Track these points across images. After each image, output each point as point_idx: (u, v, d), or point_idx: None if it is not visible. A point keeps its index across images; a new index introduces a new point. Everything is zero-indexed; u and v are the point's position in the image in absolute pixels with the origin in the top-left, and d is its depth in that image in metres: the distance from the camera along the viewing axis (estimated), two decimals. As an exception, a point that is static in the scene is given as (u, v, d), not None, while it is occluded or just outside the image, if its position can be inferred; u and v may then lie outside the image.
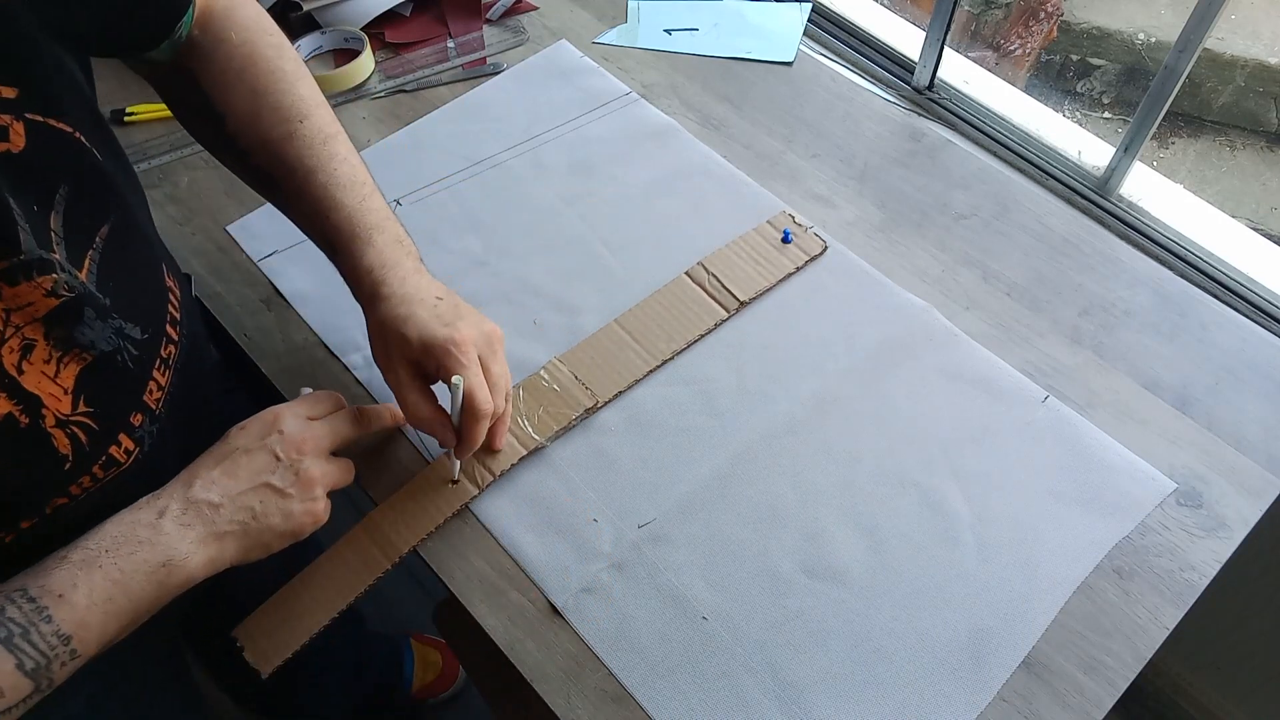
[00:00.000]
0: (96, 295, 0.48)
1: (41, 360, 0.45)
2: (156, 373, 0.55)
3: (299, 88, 0.62)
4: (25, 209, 0.43)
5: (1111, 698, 0.59)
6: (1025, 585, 0.63)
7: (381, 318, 0.59)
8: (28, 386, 0.45)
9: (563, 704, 0.60)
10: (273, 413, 0.59)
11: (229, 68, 0.61)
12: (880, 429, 0.71)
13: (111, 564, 0.48)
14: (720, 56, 0.99)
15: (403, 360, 0.59)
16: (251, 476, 0.55)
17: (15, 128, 0.43)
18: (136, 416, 0.53)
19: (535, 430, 0.69)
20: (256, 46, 0.62)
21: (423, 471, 0.68)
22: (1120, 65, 2.01)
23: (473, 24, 1.02)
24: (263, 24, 0.63)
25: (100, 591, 0.48)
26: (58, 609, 0.46)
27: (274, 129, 0.61)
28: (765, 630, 0.62)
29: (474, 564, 0.66)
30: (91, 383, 0.48)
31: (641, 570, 0.65)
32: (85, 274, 0.48)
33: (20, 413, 0.44)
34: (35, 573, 0.47)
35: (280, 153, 0.61)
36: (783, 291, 0.79)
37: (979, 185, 0.87)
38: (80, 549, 0.49)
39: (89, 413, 0.49)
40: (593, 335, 0.74)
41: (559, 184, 0.87)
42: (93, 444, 0.49)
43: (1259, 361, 0.74)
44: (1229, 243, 0.84)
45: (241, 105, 0.61)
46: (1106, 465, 0.69)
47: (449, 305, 0.60)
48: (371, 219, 0.61)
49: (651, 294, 0.77)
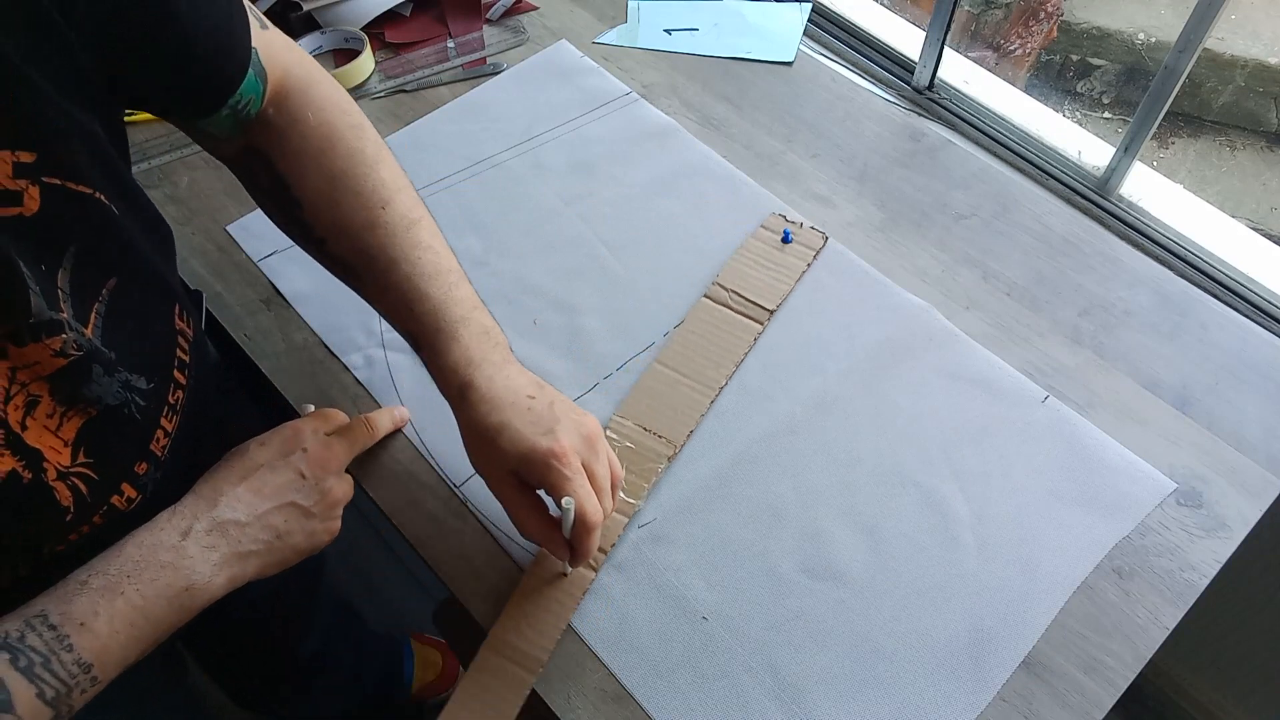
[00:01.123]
0: (103, 350, 0.47)
1: (44, 415, 0.45)
2: (165, 420, 0.53)
3: (380, 171, 0.59)
4: (34, 270, 0.42)
5: (1111, 698, 0.59)
6: (1025, 585, 0.63)
7: (474, 425, 0.55)
8: (30, 442, 0.44)
9: (563, 704, 0.60)
10: (292, 429, 0.58)
11: (305, 149, 0.57)
12: (880, 429, 0.71)
13: (134, 590, 0.48)
14: (720, 56, 0.99)
15: (503, 472, 0.55)
16: (277, 494, 0.55)
17: (30, 192, 0.42)
18: (141, 465, 0.52)
19: (629, 495, 0.66)
20: (335, 127, 0.58)
21: (527, 573, 0.63)
22: (1120, 65, 2.01)
23: (473, 24, 1.02)
24: (341, 103, 0.60)
25: (122, 618, 0.47)
26: (79, 637, 0.46)
27: (354, 216, 0.57)
28: (765, 630, 0.62)
29: (474, 564, 0.66)
30: (93, 435, 0.47)
31: (642, 570, 0.65)
32: (91, 329, 0.47)
33: (23, 468, 0.44)
34: (55, 597, 0.47)
35: (361, 241, 0.57)
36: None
37: (979, 185, 0.87)
38: (101, 574, 0.48)
39: (88, 463, 0.48)
40: (640, 381, 0.72)
41: (559, 184, 0.87)
42: (94, 494, 0.48)
43: (1259, 361, 0.74)
44: (1229, 243, 0.84)
45: (319, 190, 0.58)
46: (1106, 465, 0.69)
47: (543, 405, 0.56)
48: (457, 310, 0.57)
49: (680, 326, 0.75)
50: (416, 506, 0.68)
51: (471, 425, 0.56)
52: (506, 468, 0.55)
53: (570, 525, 0.54)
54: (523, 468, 0.54)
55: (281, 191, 0.58)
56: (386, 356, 0.76)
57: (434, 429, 0.72)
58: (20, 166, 0.41)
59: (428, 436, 0.71)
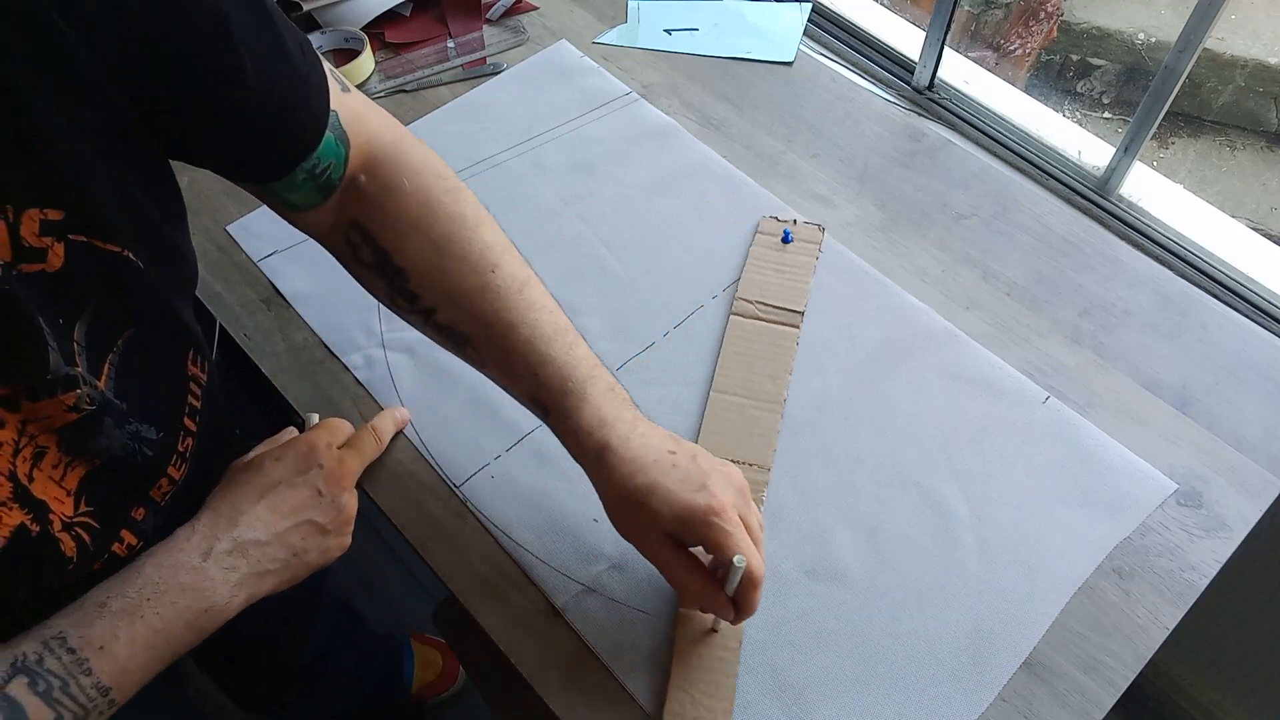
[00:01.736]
0: (115, 403, 0.46)
1: (50, 466, 0.44)
2: (172, 469, 0.52)
3: (484, 234, 0.57)
4: (53, 326, 0.42)
5: (1111, 698, 0.59)
6: (1026, 586, 0.63)
7: (619, 489, 0.53)
8: (36, 493, 0.43)
9: (563, 704, 0.60)
10: (307, 444, 0.57)
11: (405, 217, 0.55)
12: (880, 429, 0.71)
13: (154, 613, 0.48)
14: (720, 56, 0.99)
15: (658, 534, 0.53)
16: (295, 513, 0.54)
17: (55, 249, 0.41)
18: (139, 511, 0.51)
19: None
20: (432, 192, 0.56)
21: (679, 638, 0.61)
22: (1120, 65, 2.01)
23: (473, 24, 1.02)
24: (435, 167, 0.57)
25: (141, 642, 0.47)
26: (98, 661, 0.46)
27: (464, 281, 0.55)
28: (765, 630, 0.62)
29: (474, 564, 0.66)
30: (94, 484, 0.47)
31: (642, 570, 0.65)
32: (104, 380, 0.46)
33: (31, 520, 0.43)
34: (74, 619, 0.46)
35: (474, 307, 0.55)
36: (783, 291, 0.79)
37: (979, 185, 0.87)
38: (120, 596, 0.47)
39: (89, 512, 0.47)
40: (708, 414, 0.70)
41: (559, 184, 0.87)
42: (95, 543, 0.48)
43: (1259, 361, 0.74)
44: (1229, 243, 0.84)
45: (423, 258, 0.55)
46: (1107, 466, 0.69)
47: (686, 459, 0.54)
48: (582, 370, 0.55)
49: (721, 352, 0.74)
50: (416, 506, 0.68)
51: (615, 489, 0.53)
52: (661, 529, 0.53)
53: (738, 582, 0.52)
54: (681, 528, 0.52)
55: (385, 263, 0.56)
56: (386, 356, 0.76)
57: (434, 429, 0.72)
58: (47, 224, 0.40)
59: (428, 436, 0.71)
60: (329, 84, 0.52)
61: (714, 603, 0.53)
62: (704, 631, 0.61)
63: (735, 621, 0.55)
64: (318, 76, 0.51)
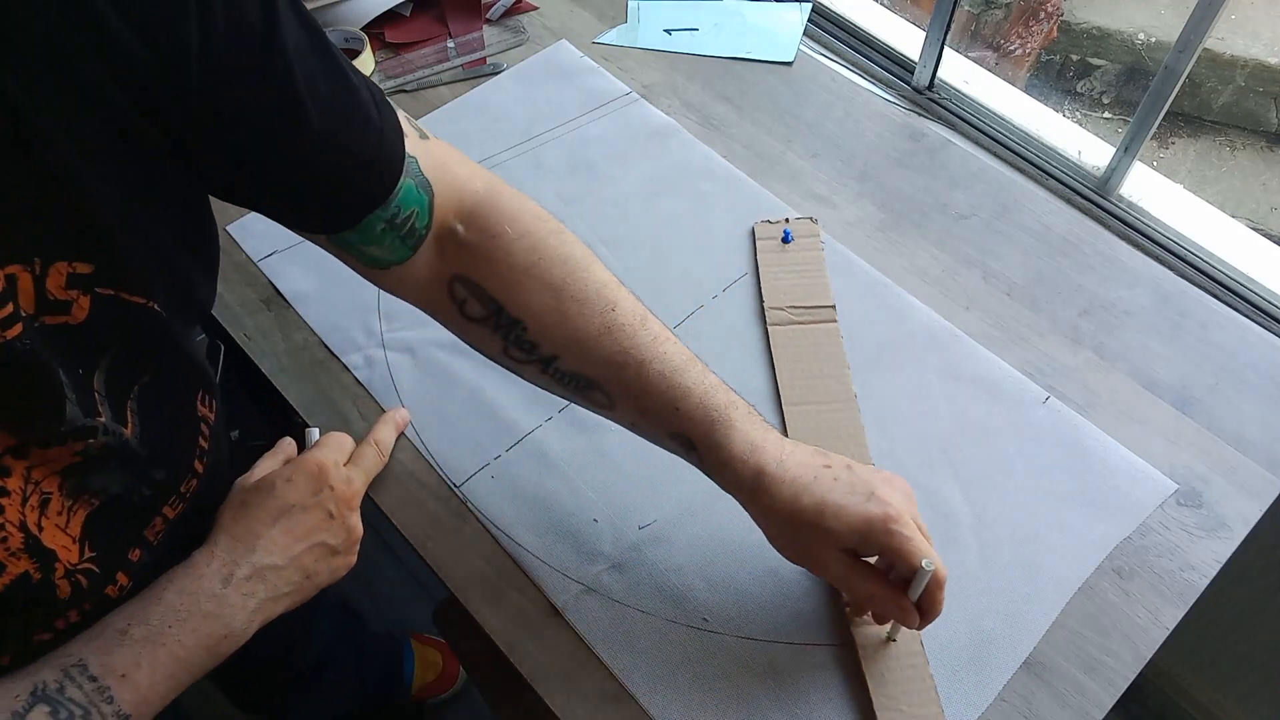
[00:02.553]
0: (137, 450, 0.45)
1: (55, 512, 0.43)
2: (167, 509, 0.51)
3: (596, 273, 0.55)
4: (71, 376, 0.41)
5: (1111, 698, 0.59)
6: (1026, 586, 0.63)
7: (784, 512, 0.52)
8: (46, 543, 0.43)
9: (563, 704, 0.60)
10: (318, 465, 0.57)
11: (514, 264, 0.53)
12: (880, 429, 0.71)
13: (176, 641, 0.47)
14: (720, 56, 0.99)
15: (834, 553, 0.52)
16: (308, 536, 0.54)
17: (80, 302, 0.40)
18: (135, 552, 0.50)
19: None
20: (538, 236, 0.54)
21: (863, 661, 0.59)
22: (1120, 65, 2.01)
23: (473, 24, 1.02)
24: (533, 209, 0.55)
25: (163, 670, 0.47)
26: (120, 689, 0.45)
27: (588, 324, 0.53)
28: (765, 630, 0.62)
29: (474, 564, 0.66)
30: (95, 528, 0.46)
31: (642, 571, 0.65)
32: (131, 429, 0.45)
33: (36, 569, 0.42)
34: (95, 647, 0.46)
35: (600, 349, 0.53)
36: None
37: (979, 185, 0.87)
38: (142, 624, 0.47)
39: (92, 557, 0.46)
40: (794, 432, 0.70)
41: (559, 184, 0.87)
42: (91, 586, 0.47)
43: (1259, 361, 0.74)
44: (1229, 243, 0.84)
45: (541, 305, 0.53)
46: (1107, 466, 0.69)
47: (843, 470, 0.53)
48: (720, 398, 0.53)
49: (775, 365, 0.73)
50: (416, 506, 0.68)
51: (781, 514, 0.52)
52: (837, 546, 0.51)
53: (924, 586, 0.51)
54: (861, 542, 0.51)
55: (497, 315, 0.54)
56: (386, 356, 0.76)
57: (434, 429, 0.72)
58: (75, 277, 0.39)
59: (428, 436, 0.71)
60: (404, 129, 0.50)
61: (900, 610, 0.52)
62: (880, 644, 0.60)
63: (921, 626, 0.54)
64: (391, 122, 0.49)
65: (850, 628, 0.61)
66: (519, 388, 0.73)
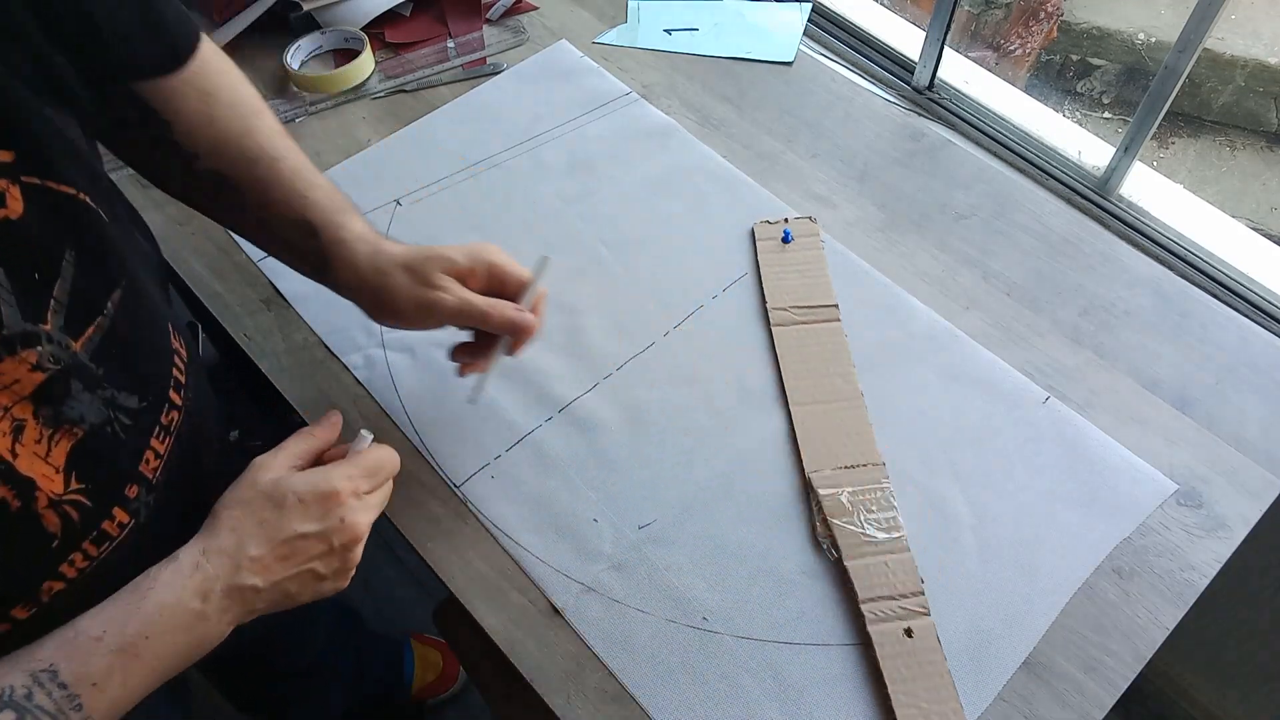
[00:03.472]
0: (87, 366, 0.46)
1: (33, 441, 0.43)
2: (155, 441, 0.51)
3: (246, 89, 0.61)
4: (22, 278, 0.41)
5: (1111, 698, 0.59)
6: (1026, 586, 0.63)
7: (404, 257, 0.59)
8: (22, 470, 0.43)
9: (563, 704, 0.60)
10: (334, 490, 0.53)
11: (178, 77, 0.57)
12: (881, 429, 0.71)
13: (151, 653, 0.47)
14: (720, 56, 0.99)
15: (450, 281, 0.60)
16: (302, 563, 0.52)
17: (11, 192, 0.41)
18: (131, 489, 0.50)
19: (890, 529, 0.65)
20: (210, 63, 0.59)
21: (881, 661, 0.60)
22: (1120, 65, 2.01)
23: (473, 24, 1.02)
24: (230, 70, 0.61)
25: (136, 679, 0.46)
26: (90, 698, 0.44)
27: (231, 125, 0.59)
28: (765, 630, 0.62)
29: (474, 564, 0.66)
30: (83, 458, 0.46)
31: (642, 571, 0.65)
32: (83, 343, 0.45)
33: (13, 497, 0.42)
34: (66, 654, 0.45)
35: (239, 148, 0.59)
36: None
37: (979, 185, 0.87)
38: (117, 633, 0.46)
39: (80, 489, 0.46)
40: (799, 432, 0.70)
41: (559, 184, 0.87)
42: (84, 521, 0.47)
43: (1259, 361, 0.74)
44: (1229, 243, 0.84)
45: (192, 108, 0.57)
46: (1107, 466, 0.69)
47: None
48: (343, 199, 0.61)
49: (780, 367, 0.73)
50: (416, 506, 0.68)
51: (399, 258, 0.59)
52: (451, 269, 0.60)
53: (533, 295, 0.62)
54: (470, 257, 0.60)
55: (148, 117, 0.56)
56: (386, 356, 0.76)
57: (434, 429, 0.72)
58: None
59: (427, 436, 0.71)
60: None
61: (518, 314, 0.60)
62: (898, 641, 0.60)
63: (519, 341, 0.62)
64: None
65: (867, 626, 0.61)
66: (519, 388, 0.73)
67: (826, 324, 0.76)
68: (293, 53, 0.96)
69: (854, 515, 0.65)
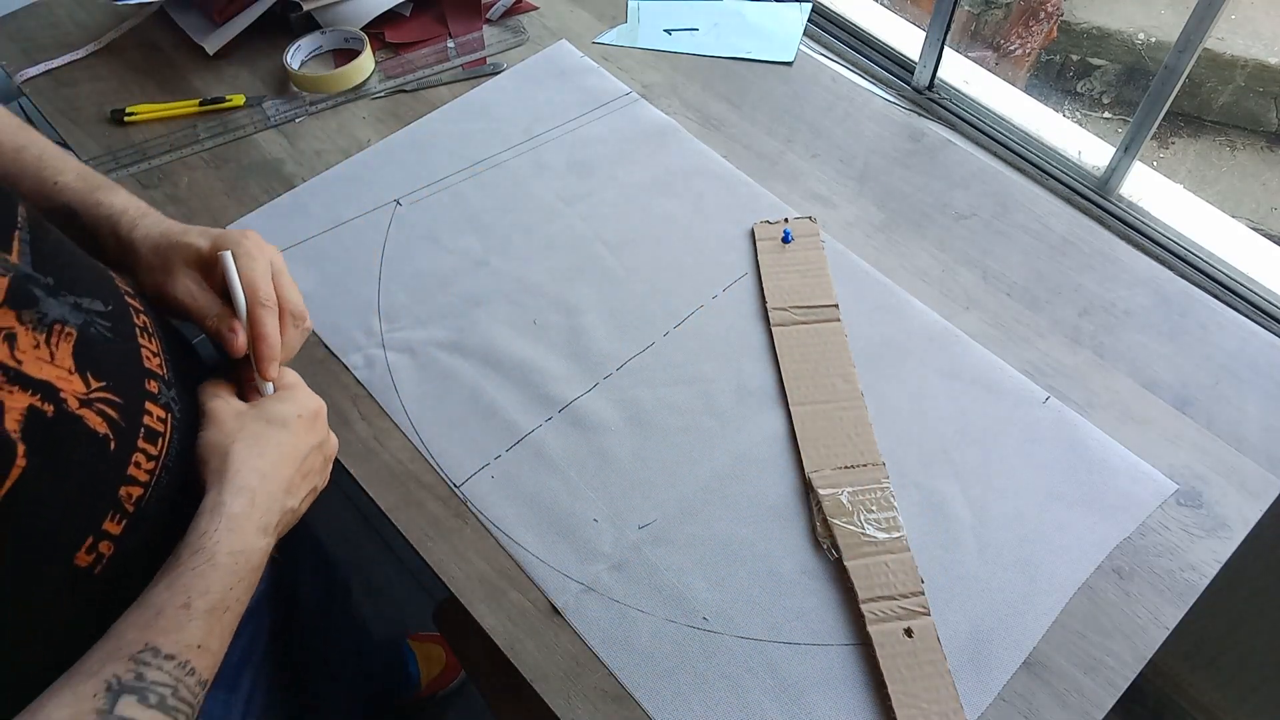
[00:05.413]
0: (34, 275, 0.46)
1: (31, 347, 0.44)
2: (143, 339, 0.52)
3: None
4: None
5: (1111, 698, 0.59)
6: (1026, 586, 0.63)
7: (159, 232, 0.58)
8: (32, 373, 0.43)
9: (563, 704, 0.60)
10: (320, 406, 0.58)
11: None
12: (881, 429, 0.71)
13: (237, 603, 0.49)
14: (720, 56, 0.99)
15: (192, 270, 0.58)
16: (312, 478, 0.56)
17: None
18: (150, 383, 0.52)
19: (889, 529, 0.65)
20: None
21: (881, 661, 0.59)
22: (1120, 65, 2.01)
23: (473, 24, 1.02)
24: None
25: (228, 630, 0.48)
26: (199, 660, 0.46)
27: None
28: (765, 630, 0.62)
29: (474, 564, 0.66)
30: (88, 358, 0.47)
31: (642, 570, 0.65)
32: (16, 255, 0.46)
33: (41, 401, 0.43)
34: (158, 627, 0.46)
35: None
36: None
37: (979, 185, 0.87)
38: (203, 594, 0.47)
39: (103, 387, 0.47)
40: (799, 432, 0.70)
41: (559, 184, 0.87)
42: (126, 418, 0.48)
43: (1259, 361, 0.74)
44: (1229, 243, 0.84)
45: None
46: (1107, 466, 0.69)
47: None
48: (100, 178, 0.60)
49: (780, 367, 0.73)
50: (416, 506, 0.68)
51: (155, 235, 0.58)
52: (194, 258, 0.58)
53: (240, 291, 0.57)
54: (214, 245, 0.58)
55: None
56: (386, 356, 0.76)
57: (434, 429, 0.72)
58: None
59: (428, 436, 0.71)
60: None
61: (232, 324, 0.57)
62: (899, 641, 0.60)
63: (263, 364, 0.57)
64: None
65: (867, 626, 0.61)
66: (519, 388, 0.73)
67: (826, 324, 0.76)
68: (293, 53, 0.96)
69: (854, 515, 0.65)
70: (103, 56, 0.99)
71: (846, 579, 0.63)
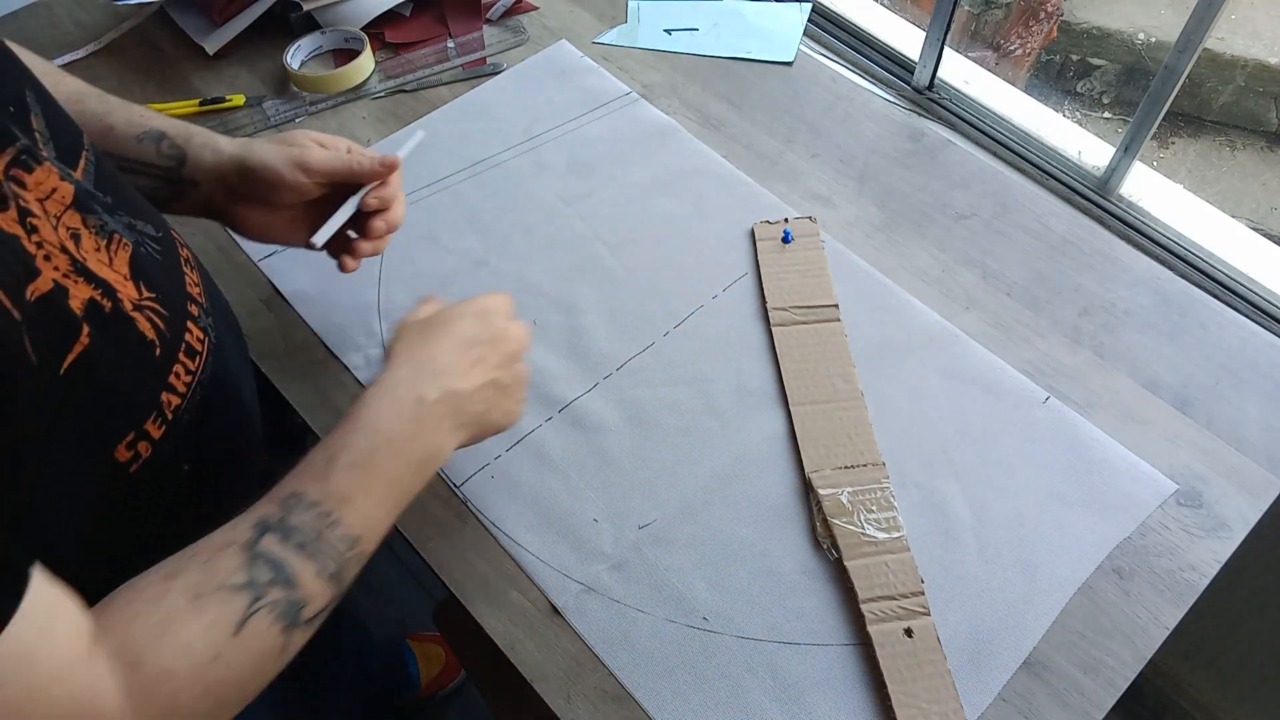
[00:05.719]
0: (95, 193, 0.48)
1: (93, 249, 0.45)
2: (186, 269, 0.56)
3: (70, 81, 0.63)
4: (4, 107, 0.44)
5: (1111, 698, 0.59)
6: (1026, 586, 0.63)
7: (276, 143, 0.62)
8: (96, 271, 0.45)
9: (563, 704, 0.60)
10: (488, 304, 0.58)
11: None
12: (880, 429, 0.71)
13: (387, 463, 0.49)
14: (720, 56, 0.99)
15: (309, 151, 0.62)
16: (487, 371, 0.55)
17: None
18: (192, 307, 0.54)
19: (889, 529, 0.65)
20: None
21: (881, 660, 0.60)
22: (1120, 65, 2.01)
23: (473, 24, 1.02)
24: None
25: (379, 492, 0.48)
26: (345, 512, 0.46)
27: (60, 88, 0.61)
28: (765, 630, 0.62)
29: (474, 564, 0.66)
30: (141, 270, 0.49)
31: (642, 570, 0.65)
32: (81, 172, 0.48)
33: (101, 296, 0.44)
34: (306, 477, 0.47)
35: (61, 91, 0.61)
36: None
37: (979, 185, 0.87)
38: (347, 449, 0.48)
39: (153, 298, 0.49)
40: (801, 431, 0.70)
41: (559, 184, 0.87)
42: (170, 330, 0.50)
43: (1259, 361, 0.74)
44: (1229, 243, 0.84)
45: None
46: (1107, 466, 0.69)
47: None
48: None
49: (780, 367, 0.73)
50: (417, 506, 0.68)
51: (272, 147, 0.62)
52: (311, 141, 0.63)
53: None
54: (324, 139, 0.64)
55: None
56: (386, 356, 0.76)
57: (434, 429, 0.72)
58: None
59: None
60: None
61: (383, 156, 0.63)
62: (898, 641, 0.60)
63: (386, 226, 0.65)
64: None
65: (867, 626, 0.61)
66: (519, 388, 0.73)
67: (826, 324, 0.76)
68: (293, 53, 0.96)
69: (854, 515, 0.65)
70: (103, 56, 0.99)
71: (846, 579, 0.63)
